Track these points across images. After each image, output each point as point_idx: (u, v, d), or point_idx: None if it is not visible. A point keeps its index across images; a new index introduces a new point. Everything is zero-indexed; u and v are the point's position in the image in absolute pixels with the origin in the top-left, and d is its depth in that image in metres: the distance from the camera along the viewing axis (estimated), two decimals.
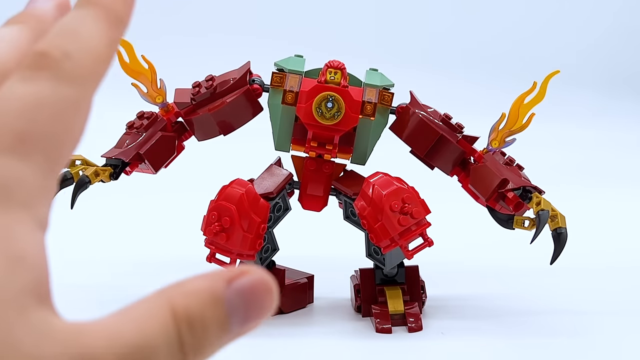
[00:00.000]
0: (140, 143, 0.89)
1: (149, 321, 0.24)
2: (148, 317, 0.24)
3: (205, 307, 0.25)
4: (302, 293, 0.94)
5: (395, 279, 0.92)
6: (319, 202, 0.92)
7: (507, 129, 0.88)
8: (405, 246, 0.86)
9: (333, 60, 0.88)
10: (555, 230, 0.84)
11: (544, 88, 0.88)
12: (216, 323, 0.25)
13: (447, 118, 0.90)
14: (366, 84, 0.89)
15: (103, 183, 0.87)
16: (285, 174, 0.91)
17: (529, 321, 0.91)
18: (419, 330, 0.87)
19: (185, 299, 0.25)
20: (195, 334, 0.25)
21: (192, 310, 0.25)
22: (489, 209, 0.88)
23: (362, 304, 0.91)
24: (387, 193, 0.85)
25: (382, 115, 0.90)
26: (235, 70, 0.92)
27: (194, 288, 0.25)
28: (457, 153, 0.90)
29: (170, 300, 0.25)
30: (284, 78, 0.89)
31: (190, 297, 0.25)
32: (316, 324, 0.91)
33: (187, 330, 0.24)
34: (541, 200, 0.84)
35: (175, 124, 0.92)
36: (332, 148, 0.89)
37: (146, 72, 0.89)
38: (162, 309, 0.24)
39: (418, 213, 0.85)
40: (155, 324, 0.24)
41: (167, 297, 0.25)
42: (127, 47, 0.88)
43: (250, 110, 0.91)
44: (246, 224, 0.85)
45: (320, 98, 0.87)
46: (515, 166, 0.90)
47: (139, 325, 0.24)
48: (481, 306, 0.95)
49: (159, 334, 0.24)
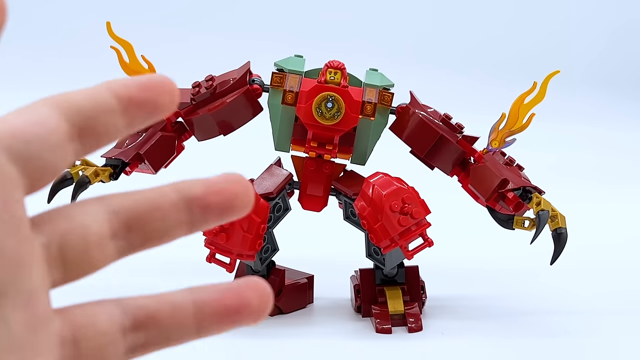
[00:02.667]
0: (140, 143, 0.89)
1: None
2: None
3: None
4: (302, 293, 0.94)
5: (395, 279, 0.92)
6: (319, 202, 0.92)
7: (507, 129, 0.88)
8: (405, 246, 0.86)
9: (333, 61, 0.88)
10: (556, 230, 0.84)
11: (544, 88, 0.88)
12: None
13: (447, 118, 0.90)
14: (366, 84, 0.89)
15: (103, 183, 0.87)
16: (285, 174, 0.91)
17: (529, 321, 0.91)
18: (419, 331, 0.87)
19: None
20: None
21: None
22: (489, 209, 0.88)
23: (362, 304, 0.91)
24: (387, 193, 0.85)
25: (382, 116, 0.90)
26: (235, 71, 0.92)
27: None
28: (457, 153, 0.90)
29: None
30: (284, 78, 0.89)
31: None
32: (316, 324, 0.91)
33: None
34: (541, 201, 0.84)
35: (175, 124, 0.92)
36: (332, 148, 0.89)
37: (146, 72, 0.89)
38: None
39: (418, 213, 0.85)
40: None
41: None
42: (127, 47, 0.88)
43: (250, 111, 0.91)
44: (246, 224, 0.85)
45: (320, 98, 0.87)
46: (515, 166, 0.90)
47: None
48: (481, 306, 0.95)
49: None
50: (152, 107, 0.26)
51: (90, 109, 0.25)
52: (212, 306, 0.27)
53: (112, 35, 0.88)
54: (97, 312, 0.26)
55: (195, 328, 0.27)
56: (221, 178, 0.27)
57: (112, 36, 0.87)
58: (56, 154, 0.25)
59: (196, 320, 0.27)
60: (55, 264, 0.25)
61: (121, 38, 0.88)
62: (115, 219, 0.26)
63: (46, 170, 0.25)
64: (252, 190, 0.27)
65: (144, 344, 0.27)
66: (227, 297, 0.27)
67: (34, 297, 0.24)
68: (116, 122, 0.26)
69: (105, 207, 0.26)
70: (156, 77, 0.27)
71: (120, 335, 0.26)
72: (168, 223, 0.27)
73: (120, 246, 0.26)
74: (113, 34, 0.88)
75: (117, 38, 0.88)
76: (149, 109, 0.26)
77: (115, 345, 0.26)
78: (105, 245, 0.26)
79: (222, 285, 0.27)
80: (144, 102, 0.26)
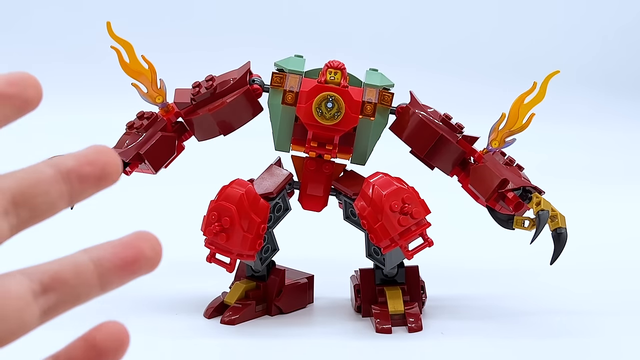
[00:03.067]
0: (140, 143, 0.89)
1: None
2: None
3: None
4: (302, 293, 0.94)
5: (395, 279, 0.92)
6: (319, 202, 0.92)
7: (507, 129, 0.88)
8: (405, 246, 0.86)
9: (333, 61, 0.88)
10: (555, 230, 0.84)
11: (544, 88, 0.88)
12: None
13: (447, 118, 0.90)
14: (366, 84, 0.89)
15: None
16: (285, 174, 0.91)
17: (529, 321, 0.91)
18: (419, 330, 0.87)
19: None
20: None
21: None
22: (489, 209, 0.88)
23: (362, 304, 0.91)
24: (387, 193, 0.85)
25: (382, 116, 0.90)
26: (235, 71, 0.92)
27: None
28: (457, 153, 0.90)
29: None
30: (284, 78, 0.89)
31: None
32: (316, 324, 0.91)
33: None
34: (541, 201, 0.84)
35: (175, 124, 0.92)
36: (332, 148, 0.89)
37: (146, 72, 0.89)
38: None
39: (418, 213, 0.85)
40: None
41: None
42: (127, 47, 0.88)
43: (250, 111, 0.91)
44: (246, 224, 0.85)
45: (320, 98, 0.87)
46: (515, 166, 0.90)
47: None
48: (481, 306, 0.95)
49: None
50: (21, 101, 0.28)
51: None
52: (110, 260, 0.29)
53: (112, 35, 0.88)
54: (7, 281, 0.28)
55: (99, 283, 0.29)
56: (89, 150, 0.29)
57: (112, 36, 0.87)
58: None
59: (98, 275, 0.29)
60: None
61: (121, 38, 0.88)
62: (1, 197, 0.28)
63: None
64: (119, 159, 0.29)
65: (55, 304, 0.29)
66: (122, 251, 0.29)
67: None
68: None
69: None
70: (18, 73, 0.29)
71: (32, 298, 0.28)
72: (51, 196, 0.29)
73: (12, 222, 0.28)
74: (113, 34, 0.88)
75: (117, 38, 0.88)
76: (18, 103, 0.28)
77: (30, 308, 0.28)
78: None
79: (115, 241, 0.30)
80: (12, 97, 0.28)
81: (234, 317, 0.88)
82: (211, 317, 0.89)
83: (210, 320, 0.89)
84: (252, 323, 0.89)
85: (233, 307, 0.89)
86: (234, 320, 0.88)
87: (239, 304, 0.90)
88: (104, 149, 0.29)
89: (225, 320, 0.88)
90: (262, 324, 0.90)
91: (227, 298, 0.91)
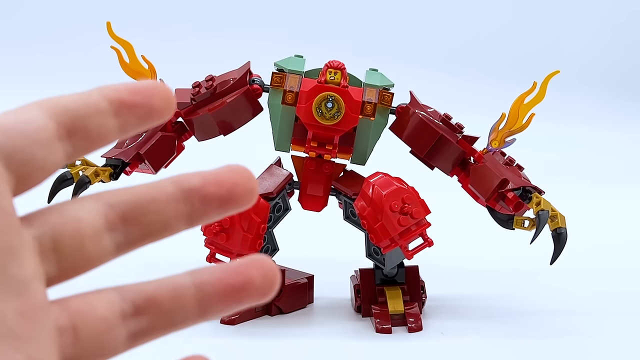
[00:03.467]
0: (140, 143, 0.89)
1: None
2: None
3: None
4: (302, 293, 0.94)
5: (395, 279, 0.92)
6: (319, 202, 0.92)
7: (507, 129, 0.88)
8: (405, 246, 0.86)
9: (333, 61, 0.88)
10: (555, 230, 0.84)
11: (544, 88, 0.88)
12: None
13: (447, 118, 0.90)
14: (366, 84, 0.89)
15: (103, 183, 0.87)
16: (285, 174, 0.91)
17: (529, 321, 0.91)
18: (419, 330, 0.87)
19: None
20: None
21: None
22: (489, 209, 0.88)
23: (362, 304, 0.91)
24: (387, 193, 0.85)
25: (382, 116, 0.90)
26: (235, 71, 0.92)
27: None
28: (457, 153, 0.90)
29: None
30: (284, 78, 0.89)
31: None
32: (316, 324, 0.91)
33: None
34: (541, 201, 0.84)
35: (175, 124, 0.92)
36: (332, 148, 0.89)
37: (146, 72, 0.89)
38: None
39: (418, 213, 0.85)
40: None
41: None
42: (127, 47, 0.88)
43: (250, 111, 0.91)
44: (246, 224, 0.85)
45: (320, 98, 0.87)
46: (515, 166, 0.90)
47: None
48: (481, 306, 0.95)
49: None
50: (145, 111, 0.26)
51: (80, 109, 0.25)
52: (214, 286, 0.27)
53: (113, 35, 0.88)
54: (96, 299, 0.26)
55: (198, 309, 0.27)
56: (221, 169, 0.27)
57: (112, 36, 0.88)
58: (42, 151, 0.25)
59: (198, 301, 0.27)
60: (48, 257, 0.25)
61: (121, 38, 0.88)
62: (110, 212, 0.26)
63: (32, 166, 0.25)
64: (254, 180, 0.27)
65: (147, 329, 0.26)
66: (229, 276, 0.27)
67: (26, 286, 0.24)
68: (107, 124, 0.26)
69: (99, 201, 0.26)
70: (148, 82, 0.27)
71: (120, 320, 0.26)
72: (166, 215, 0.26)
73: (118, 240, 0.26)
74: (113, 34, 0.88)
75: (118, 38, 0.88)
76: (142, 113, 0.26)
77: (115, 331, 0.26)
78: (100, 238, 0.26)
79: (224, 265, 0.27)
80: (135, 106, 0.26)
81: (234, 317, 0.88)
82: None
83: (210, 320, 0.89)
84: (252, 323, 0.89)
85: None
86: (234, 320, 0.88)
87: None
88: (237, 169, 0.27)
89: (225, 320, 0.88)
90: (262, 324, 0.90)
91: None
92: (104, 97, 0.26)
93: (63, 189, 0.85)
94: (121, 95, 0.26)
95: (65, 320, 0.25)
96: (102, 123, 0.26)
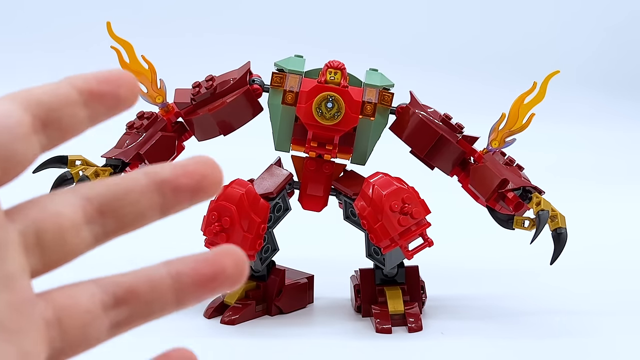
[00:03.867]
0: (141, 143, 0.89)
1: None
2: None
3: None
4: (302, 293, 0.94)
5: (395, 279, 0.92)
6: (319, 202, 0.92)
7: (507, 129, 0.88)
8: (405, 246, 0.86)
9: (333, 61, 0.88)
10: (555, 230, 0.84)
11: (544, 88, 0.88)
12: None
13: (447, 118, 0.90)
14: (366, 84, 0.89)
15: None
16: (285, 174, 0.91)
17: (529, 321, 0.91)
18: (419, 330, 0.87)
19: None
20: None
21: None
22: (489, 209, 0.88)
23: (362, 304, 0.91)
24: (387, 193, 0.85)
25: (382, 116, 0.90)
26: (235, 71, 0.92)
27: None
28: (457, 153, 0.90)
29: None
30: (284, 78, 0.89)
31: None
32: (316, 324, 0.91)
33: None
34: (541, 201, 0.84)
35: (175, 124, 0.92)
36: (332, 148, 0.89)
37: (146, 72, 0.89)
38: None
39: (418, 213, 0.85)
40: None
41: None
42: (127, 47, 0.88)
43: (250, 111, 0.91)
44: (246, 224, 0.85)
45: (320, 98, 0.87)
46: (515, 166, 0.90)
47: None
48: (481, 306, 0.95)
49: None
50: (113, 100, 0.27)
51: (52, 101, 0.26)
52: (189, 276, 0.28)
53: (112, 35, 0.88)
54: (78, 292, 0.27)
55: (175, 299, 0.28)
56: (189, 161, 0.28)
57: (112, 36, 0.88)
58: (22, 145, 0.25)
59: (175, 291, 0.28)
60: (33, 250, 0.26)
61: (121, 38, 0.88)
62: (88, 205, 0.27)
63: (13, 161, 0.25)
64: (221, 171, 0.28)
65: (127, 318, 0.27)
66: (202, 266, 0.28)
67: (12, 280, 0.25)
68: (78, 115, 0.26)
69: (77, 194, 0.27)
70: (115, 71, 0.27)
71: (102, 311, 0.27)
72: (140, 206, 0.27)
73: (96, 232, 0.27)
74: (113, 34, 0.88)
75: (117, 38, 0.88)
76: (110, 102, 0.27)
77: (98, 322, 0.27)
78: (79, 230, 0.27)
79: (196, 255, 0.28)
80: (104, 95, 0.27)
81: (234, 317, 0.88)
82: (211, 317, 0.89)
83: (210, 320, 0.89)
84: (252, 323, 0.89)
85: (233, 307, 0.89)
86: (234, 320, 0.88)
87: (239, 304, 0.90)
88: (205, 160, 0.28)
89: (225, 320, 0.88)
90: (262, 324, 0.90)
91: (227, 298, 0.91)
92: (74, 88, 0.26)
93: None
94: (90, 85, 0.27)
95: (50, 314, 0.26)
96: (74, 114, 0.26)
